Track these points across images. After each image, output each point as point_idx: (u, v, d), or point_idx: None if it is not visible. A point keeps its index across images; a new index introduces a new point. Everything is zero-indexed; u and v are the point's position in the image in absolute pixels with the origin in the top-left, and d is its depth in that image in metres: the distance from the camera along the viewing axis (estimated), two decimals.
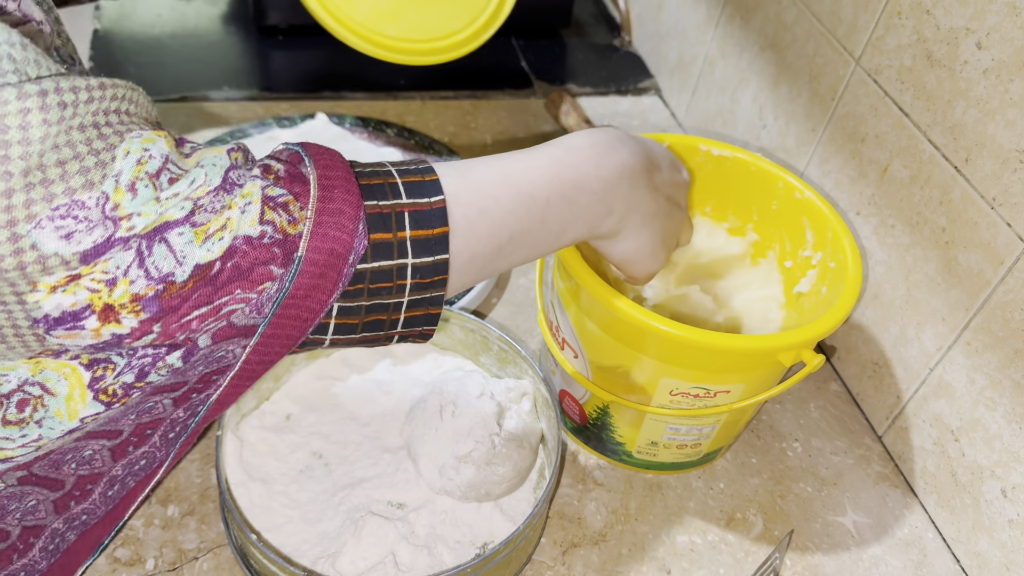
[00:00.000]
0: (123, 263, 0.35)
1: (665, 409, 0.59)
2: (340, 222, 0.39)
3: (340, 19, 0.78)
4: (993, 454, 0.61)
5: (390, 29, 0.80)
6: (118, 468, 0.46)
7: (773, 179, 0.67)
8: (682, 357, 0.56)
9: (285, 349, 0.42)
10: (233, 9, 1.13)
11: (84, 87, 0.35)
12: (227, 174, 0.38)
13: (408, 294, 0.43)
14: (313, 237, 0.39)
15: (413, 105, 1.01)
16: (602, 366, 0.60)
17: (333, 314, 0.42)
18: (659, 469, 0.67)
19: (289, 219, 0.39)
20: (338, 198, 0.40)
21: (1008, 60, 0.57)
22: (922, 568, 0.64)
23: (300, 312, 0.40)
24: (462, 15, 0.83)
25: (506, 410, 0.62)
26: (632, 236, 0.52)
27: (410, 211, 0.42)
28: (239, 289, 0.38)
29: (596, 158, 0.48)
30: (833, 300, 0.58)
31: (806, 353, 0.56)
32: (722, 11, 0.95)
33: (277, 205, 0.38)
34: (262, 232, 0.38)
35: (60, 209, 0.34)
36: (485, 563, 0.52)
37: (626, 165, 0.50)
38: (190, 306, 0.37)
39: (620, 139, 0.50)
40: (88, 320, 0.35)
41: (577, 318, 0.60)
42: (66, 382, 0.39)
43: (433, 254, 0.42)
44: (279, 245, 0.38)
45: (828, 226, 0.63)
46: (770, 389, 0.60)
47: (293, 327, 0.41)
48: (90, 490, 0.46)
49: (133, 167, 0.36)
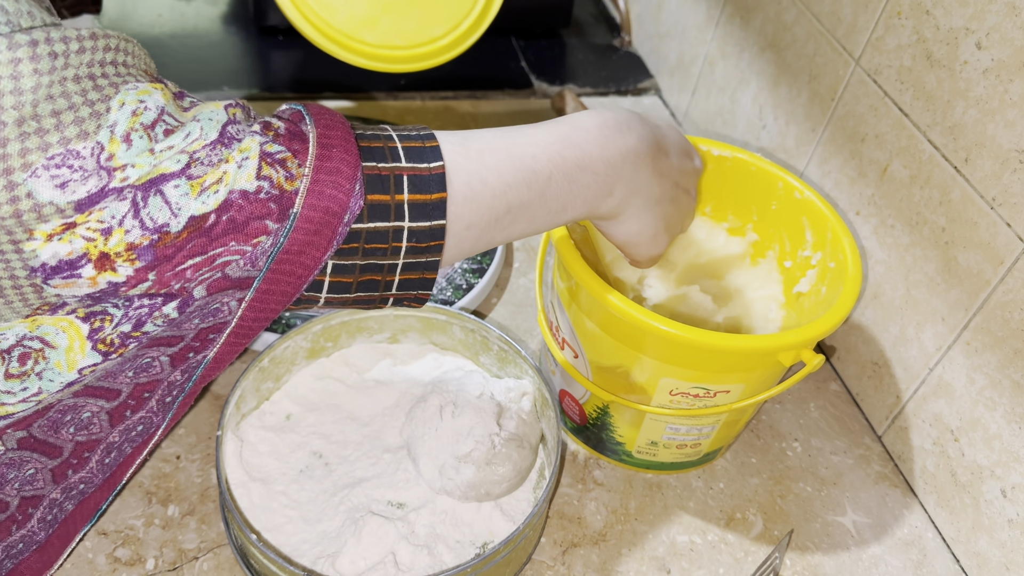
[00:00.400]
0: (118, 213, 0.36)
1: (665, 409, 0.59)
2: (337, 181, 0.40)
3: (318, 27, 0.77)
4: (993, 454, 0.61)
5: (369, 36, 0.79)
6: (115, 434, 0.46)
7: (773, 179, 0.67)
8: (682, 357, 0.56)
9: (280, 305, 0.42)
10: (233, 9, 1.13)
11: (75, 37, 0.36)
12: (225, 128, 0.39)
13: (403, 256, 0.43)
14: (309, 194, 0.39)
15: (413, 105, 1.01)
16: (602, 366, 0.60)
17: (328, 271, 0.42)
18: (659, 469, 0.67)
19: (286, 175, 0.39)
20: (336, 157, 0.40)
21: (1008, 60, 0.57)
22: (922, 568, 0.64)
23: (295, 268, 0.40)
24: (443, 21, 0.82)
25: (506, 410, 0.62)
26: (634, 219, 0.52)
27: (409, 175, 0.42)
28: (234, 241, 0.38)
29: (602, 139, 0.48)
30: (833, 300, 0.58)
31: (806, 353, 0.56)
32: (722, 11, 0.95)
33: (275, 161, 0.39)
34: (258, 187, 0.38)
35: (55, 158, 0.35)
36: (485, 563, 0.52)
37: (631, 149, 0.49)
38: (184, 255, 0.37)
39: (629, 122, 0.50)
40: (84, 268, 0.36)
41: (577, 318, 0.60)
42: (65, 335, 0.39)
43: (430, 219, 0.42)
44: (275, 200, 0.38)
45: (828, 226, 0.63)
46: (770, 389, 0.60)
47: (288, 283, 0.41)
48: (87, 458, 0.47)
49: (128, 118, 0.36)
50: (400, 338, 0.69)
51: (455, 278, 0.77)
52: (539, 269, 0.65)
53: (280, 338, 0.63)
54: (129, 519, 0.59)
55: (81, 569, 0.56)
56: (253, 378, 0.61)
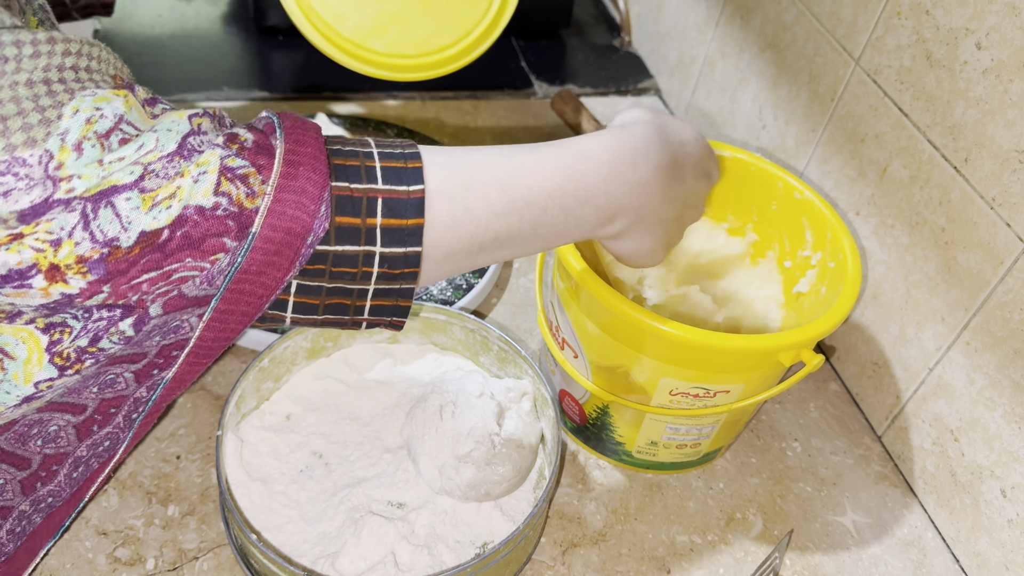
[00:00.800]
0: (67, 224, 0.35)
1: (665, 409, 0.59)
2: (301, 201, 0.38)
3: (327, 35, 0.77)
4: (992, 454, 0.61)
5: (377, 44, 0.78)
6: (83, 448, 0.46)
7: (773, 179, 0.67)
8: (682, 357, 0.56)
9: (241, 325, 0.41)
10: (233, 9, 1.13)
11: (29, 41, 0.35)
12: (185, 140, 0.37)
13: (374, 282, 0.41)
14: (270, 214, 0.38)
15: (413, 105, 1.01)
16: (602, 366, 0.60)
17: (292, 291, 0.41)
18: (659, 469, 0.67)
19: (247, 192, 0.37)
20: (303, 176, 0.38)
21: (1008, 60, 0.57)
22: (921, 568, 0.64)
23: (254, 288, 0.39)
24: (453, 30, 0.81)
25: (506, 410, 0.62)
26: (632, 240, 0.50)
27: (384, 197, 0.40)
28: (190, 258, 0.37)
29: (610, 174, 0.45)
30: (832, 300, 0.58)
31: (806, 353, 0.56)
32: (722, 11, 0.95)
33: (235, 177, 0.37)
34: (216, 203, 0.37)
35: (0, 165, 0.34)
36: (485, 563, 0.52)
37: (642, 181, 0.47)
38: (138, 270, 0.36)
39: (647, 149, 0.47)
40: (35, 279, 0.35)
41: (577, 318, 0.60)
42: (24, 346, 0.38)
43: (404, 245, 0.40)
44: (234, 218, 0.37)
45: (828, 226, 0.63)
46: (770, 389, 0.60)
47: (248, 303, 0.40)
48: (55, 471, 0.46)
49: (81, 126, 0.35)
50: (400, 338, 0.69)
51: (455, 278, 0.77)
52: (539, 269, 0.65)
53: (280, 338, 0.63)
54: (129, 519, 0.59)
55: (81, 569, 0.56)
56: (253, 378, 0.61)
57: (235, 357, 0.70)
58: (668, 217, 0.51)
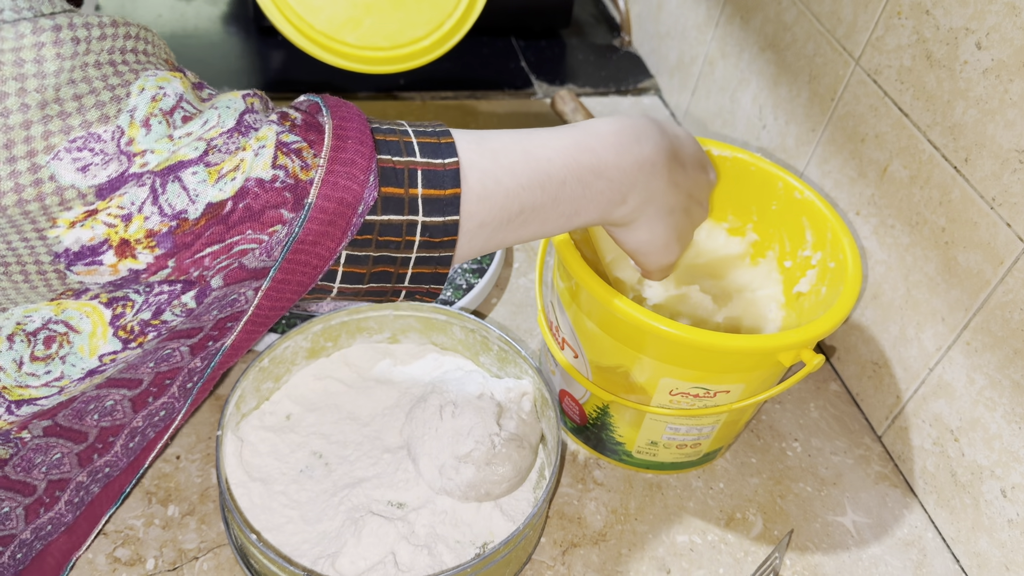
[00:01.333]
0: (138, 199, 0.36)
1: (665, 409, 0.59)
2: (351, 172, 0.40)
3: (299, 28, 0.76)
4: (993, 454, 0.61)
5: (350, 37, 0.78)
6: (139, 419, 0.47)
7: (773, 179, 0.67)
8: (682, 357, 0.56)
9: (296, 295, 0.42)
10: (233, 9, 1.13)
11: (97, 24, 0.36)
12: (242, 117, 0.39)
13: (416, 250, 0.43)
14: (324, 185, 0.39)
15: (413, 105, 1.01)
16: (602, 366, 0.60)
17: (341, 261, 0.42)
18: (659, 469, 0.67)
19: (302, 165, 0.39)
20: (351, 148, 0.40)
21: (1008, 60, 0.57)
22: (922, 568, 0.64)
23: (310, 258, 0.41)
24: (425, 22, 0.80)
25: (506, 410, 0.62)
26: (646, 227, 0.52)
27: (424, 169, 0.42)
28: (250, 230, 0.38)
29: (618, 147, 0.48)
30: (833, 300, 0.58)
31: (806, 353, 0.56)
32: (722, 11, 0.95)
33: (291, 151, 0.39)
34: (274, 176, 0.38)
35: (77, 141, 0.35)
36: (485, 563, 0.52)
37: (647, 158, 0.49)
38: (203, 243, 0.38)
39: (647, 130, 0.50)
40: (106, 255, 0.36)
41: (577, 318, 0.60)
42: (88, 320, 0.39)
43: (444, 214, 0.42)
44: (290, 190, 0.39)
45: (828, 226, 0.63)
46: (770, 389, 0.60)
47: (303, 272, 0.41)
48: (112, 442, 0.48)
49: (148, 103, 0.37)
50: (400, 338, 0.69)
51: (455, 278, 0.77)
52: (539, 269, 0.65)
53: (280, 338, 0.63)
54: (129, 519, 0.59)
55: (81, 569, 0.56)
56: (253, 378, 0.61)
57: None
58: (675, 204, 0.52)
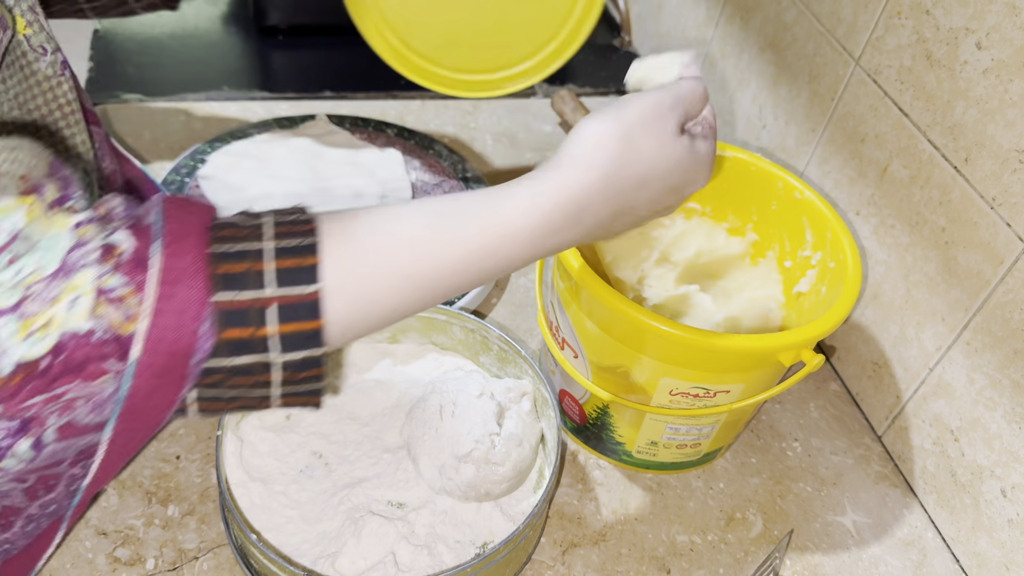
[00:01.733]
0: None
1: (665, 409, 0.59)
2: (181, 321, 0.36)
3: (396, 50, 0.74)
4: (993, 454, 0.61)
5: (448, 61, 0.75)
6: (34, 507, 0.48)
7: (773, 179, 0.67)
8: (682, 357, 0.56)
9: (146, 438, 0.39)
10: (233, 9, 1.13)
11: None
12: (67, 257, 0.35)
13: (277, 387, 0.39)
14: (149, 338, 0.35)
15: (413, 105, 1.01)
16: (602, 366, 0.60)
17: (193, 398, 0.39)
18: (659, 469, 0.67)
19: (124, 316, 0.35)
20: (181, 295, 0.36)
21: (1008, 60, 0.57)
22: (922, 568, 0.64)
23: (148, 409, 0.37)
24: (526, 47, 0.77)
25: (506, 410, 0.62)
26: None
27: (279, 303, 0.37)
28: (77, 380, 0.35)
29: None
30: (833, 300, 0.58)
31: (806, 353, 0.56)
32: (722, 11, 0.95)
33: (111, 299, 0.35)
34: (91, 330, 0.35)
35: None
36: (485, 563, 0.52)
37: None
38: (26, 394, 0.35)
39: (579, 213, 0.43)
40: None
41: (577, 318, 0.60)
42: None
43: (305, 348, 0.38)
44: (112, 343, 0.35)
45: (828, 226, 0.63)
46: (770, 389, 0.60)
47: (145, 422, 0.38)
48: (12, 521, 0.49)
49: None
50: (400, 338, 0.69)
51: None
52: (539, 269, 0.65)
53: None
54: (129, 519, 0.59)
55: (81, 569, 0.56)
56: None
57: None
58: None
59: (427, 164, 0.89)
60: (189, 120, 0.93)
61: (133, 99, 0.95)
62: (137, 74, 0.98)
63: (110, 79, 0.97)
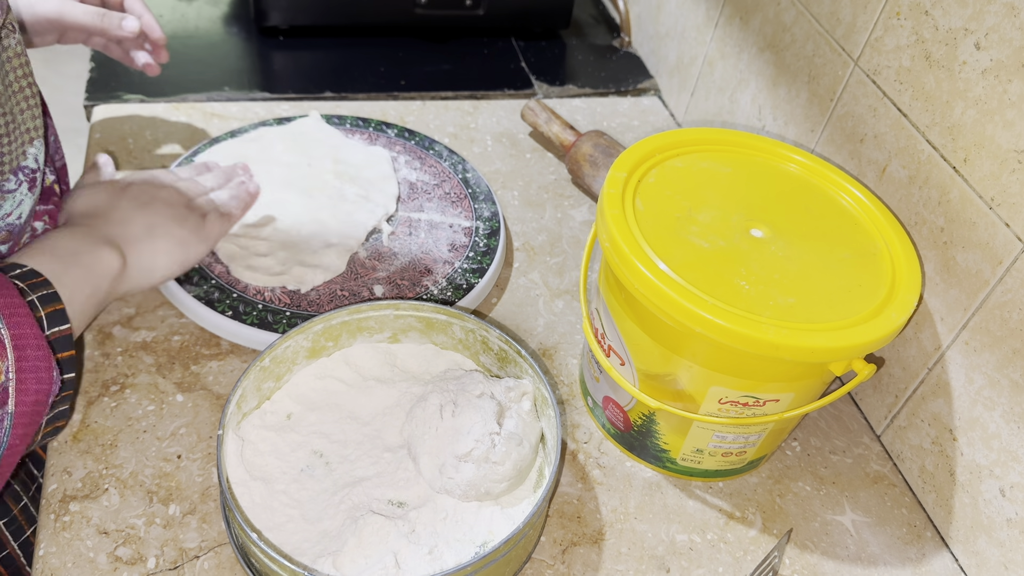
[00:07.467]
0: None
1: (713, 417, 0.59)
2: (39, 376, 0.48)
3: None
4: (991, 453, 0.61)
5: None
6: None
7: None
8: (730, 361, 0.55)
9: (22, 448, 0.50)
10: (234, 10, 1.13)
11: None
12: None
13: None
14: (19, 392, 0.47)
15: (413, 105, 1.01)
16: (649, 373, 0.60)
17: None
18: (703, 476, 0.66)
19: None
20: (31, 356, 0.48)
21: (1007, 60, 0.57)
22: (920, 567, 0.64)
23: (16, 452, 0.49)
24: None
25: (506, 409, 0.62)
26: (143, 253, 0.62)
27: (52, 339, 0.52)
28: None
29: None
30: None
31: (857, 363, 0.55)
32: (721, 12, 0.95)
33: None
34: None
35: None
36: (485, 562, 0.52)
37: None
38: None
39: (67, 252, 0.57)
40: None
41: (624, 325, 0.59)
42: None
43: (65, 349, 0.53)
44: None
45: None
46: (818, 400, 0.59)
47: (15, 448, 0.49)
48: None
49: None
50: (400, 337, 0.69)
51: (455, 278, 0.77)
52: (583, 274, 0.65)
53: (281, 337, 0.63)
54: (130, 518, 0.59)
55: (82, 568, 0.56)
56: (254, 377, 0.62)
57: (236, 356, 0.71)
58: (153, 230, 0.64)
59: (427, 164, 0.89)
60: (189, 120, 0.94)
61: (133, 99, 0.95)
62: (137, 74, 0.98)
63: (110, 79, 0.97)
